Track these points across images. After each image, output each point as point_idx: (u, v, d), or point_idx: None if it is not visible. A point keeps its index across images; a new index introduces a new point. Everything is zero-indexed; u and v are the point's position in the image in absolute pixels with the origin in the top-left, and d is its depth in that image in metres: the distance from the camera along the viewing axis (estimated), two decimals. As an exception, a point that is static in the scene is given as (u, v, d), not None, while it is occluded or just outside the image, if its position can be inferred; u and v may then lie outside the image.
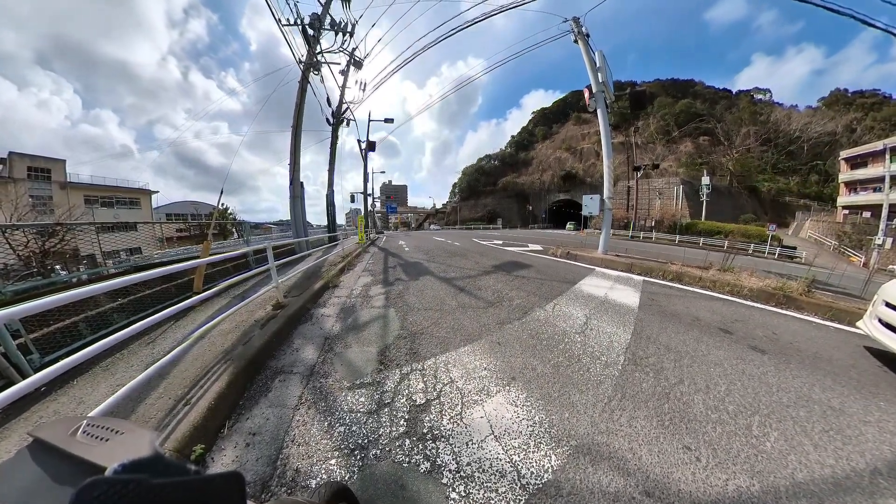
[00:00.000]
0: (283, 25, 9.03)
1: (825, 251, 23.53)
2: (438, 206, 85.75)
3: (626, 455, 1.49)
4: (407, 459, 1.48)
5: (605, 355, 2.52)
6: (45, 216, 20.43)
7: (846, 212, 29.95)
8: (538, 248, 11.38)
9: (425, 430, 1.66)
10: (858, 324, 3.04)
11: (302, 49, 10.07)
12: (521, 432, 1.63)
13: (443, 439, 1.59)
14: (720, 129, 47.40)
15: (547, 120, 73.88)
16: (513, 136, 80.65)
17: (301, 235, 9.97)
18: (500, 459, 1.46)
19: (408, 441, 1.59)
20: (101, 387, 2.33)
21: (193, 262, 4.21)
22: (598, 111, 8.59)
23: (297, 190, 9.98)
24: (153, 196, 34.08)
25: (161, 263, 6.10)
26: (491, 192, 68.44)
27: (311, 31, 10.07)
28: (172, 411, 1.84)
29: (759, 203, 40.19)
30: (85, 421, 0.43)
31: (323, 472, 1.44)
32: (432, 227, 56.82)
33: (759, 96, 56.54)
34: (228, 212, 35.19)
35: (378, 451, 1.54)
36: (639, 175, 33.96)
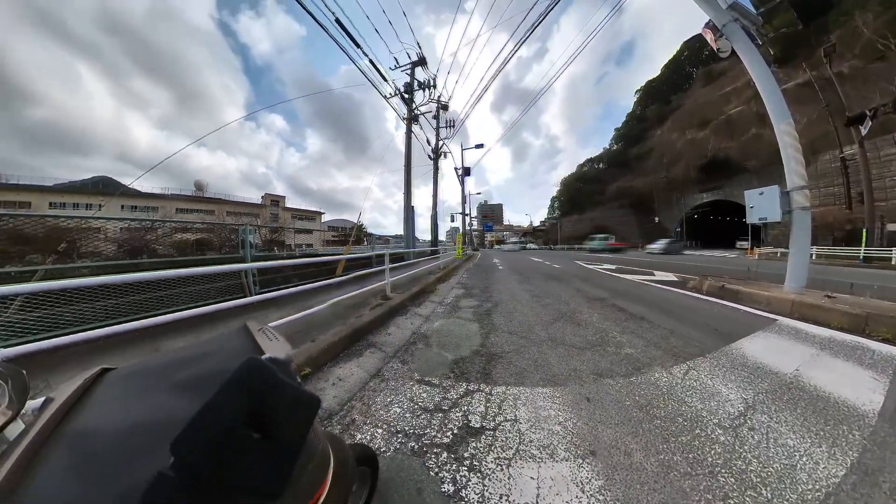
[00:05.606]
0: (388, 97, 12.50)
1: None
2: (536, 223, 79.42)
3: None
4: (437, 469, 1.44)
5: (779, 491, 1.30)
6: (274, 223, 41.86)
7: None
8: (670, 276, 8.44)
9: (466, 455, 1.54)
10: None
11: (403, 109, 13.93)
12: (573, 523, 1.27)
13: (479, 474, 1.43)
14: None
15: (658, 94, 53.21)
16: (616, 129, 62.55)
17: (410, 247, 13.52)
18: (533, 534, 1.19)
19: (446, 454, 1.54)
20: (274, 315, 3.54)
21: (339, 256, 7.16)
22: (739, 51, 5.22)
23: (408, 212, 13.77)
24: (322, 216, 63.18)
25: (322, 255, 10.01)
26: (598, 203, 54.31)
27: (406, 95, 13.78)
28: (302, 343, 2.76)
29: None
30: (266, 326, 0.72)
31: (368, 434, 1.68)
32: (529, 246, 53.00)
33: None
34: (363, 227, 53.99)
35: (416, 446, 1.60)
36: (864, 132, 15.24)
